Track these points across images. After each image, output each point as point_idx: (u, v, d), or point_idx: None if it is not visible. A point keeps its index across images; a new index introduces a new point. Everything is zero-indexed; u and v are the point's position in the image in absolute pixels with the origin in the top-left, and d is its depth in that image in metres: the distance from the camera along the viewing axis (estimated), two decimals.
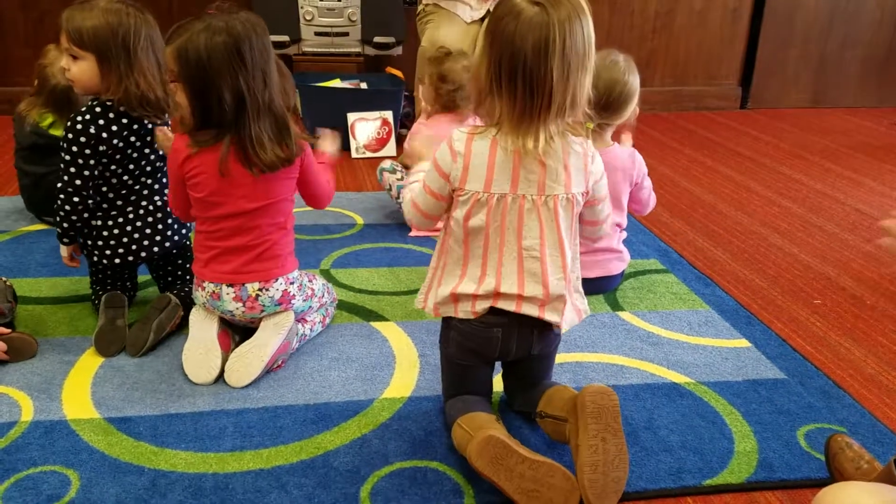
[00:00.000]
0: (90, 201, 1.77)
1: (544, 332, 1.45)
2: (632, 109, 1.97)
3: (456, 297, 1.42)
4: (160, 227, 1.84)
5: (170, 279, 1.94)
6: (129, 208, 1.81)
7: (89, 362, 1.70)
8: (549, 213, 1.36)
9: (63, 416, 1.51)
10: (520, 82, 1.26)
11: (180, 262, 1.93)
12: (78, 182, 1.73)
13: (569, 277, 1.41)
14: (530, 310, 1.40)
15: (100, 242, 1.80)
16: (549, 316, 1.41)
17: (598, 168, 1.40)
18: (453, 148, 1.36)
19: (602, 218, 1.49)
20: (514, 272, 1.38)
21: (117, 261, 1.81)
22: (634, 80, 1.95)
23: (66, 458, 1.40)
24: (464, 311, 1.42)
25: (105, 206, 1.80)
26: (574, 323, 1.46)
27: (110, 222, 1.80)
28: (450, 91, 2.49)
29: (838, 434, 1.43)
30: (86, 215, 1.78)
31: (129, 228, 1.80)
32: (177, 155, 1.62)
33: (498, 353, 1.46)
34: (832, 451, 1.40)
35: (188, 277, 1.94)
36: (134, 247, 1.82)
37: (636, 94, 1.96)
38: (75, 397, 1.58)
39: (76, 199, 1.74)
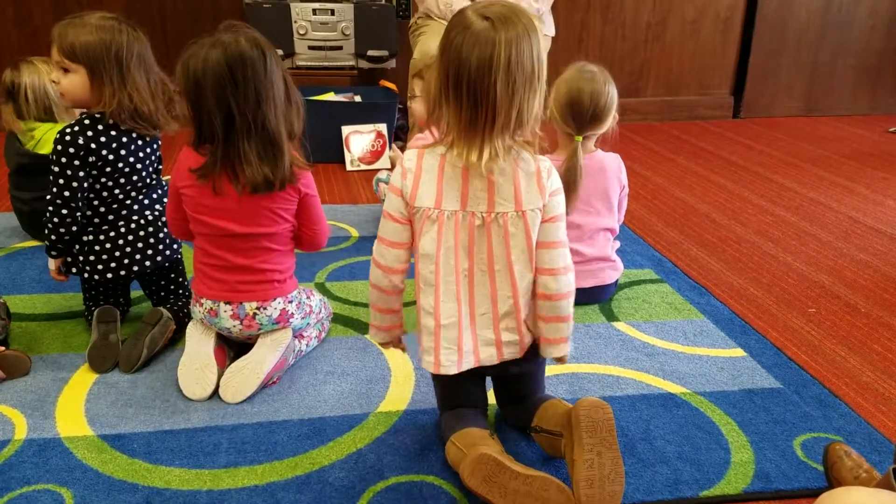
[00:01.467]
0: (78, 214, 1.76)
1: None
2: (612, 118, 1.99)
3: (421, 347, 1.42)
4: (151, 241, 1.83)
5: (162, 294, 1.93)
6: (121, 223, 1.80)
7: (83, 379, 1.70)
8: (500, 230, 1.35)
9: (57, 434, 1.51)
10: (465, 93, 1.26)
11: (173, 276, 1.93)
12: (66, 194, 1.73)
13: (522, 299, 1.38)
14: (488, 355, 1.40)
15: (91, 258, 1.80)
16: (508, 352, 1.41)
17: (554, 184, 1.37)
18: (404, 166, 1.36)
19: (560, 238, 1.38)
20: (466, 291, 1.37)
21: (109, 275, 1.81)
22: (614, 90, 1.97)
23: (60, 477, 1.39)
24: (427, 362, 1.41)
25: (97, 220, 1.79)
26: (514, 355, 1.43)
27: (101, 237, 1.79)
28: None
29: (837, 443, 1.43)
30: (74, 229, 1.77)
31: (120, 243, 1.80)
32: (179, 165, 1.63)
33: (474, 370, 1.45)
34: (831, 460, 1.40)
35: (181, 292, 1.94)
36: (126, 261, 1.81)
37: (616, 103, 1.98)
38: (69, 414, 1.57)
39: (64, 211, 1.74)
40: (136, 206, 1.82)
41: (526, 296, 1.40)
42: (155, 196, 1.86)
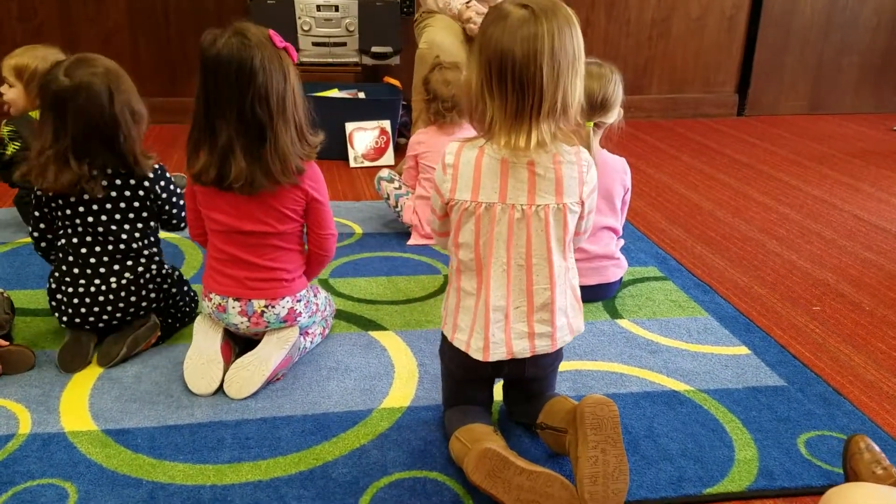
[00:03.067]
0: (41, 239, 1.78)
1: (536, 357, 1.43)
2: (619, 111, 1.99)
3: (454, 325, 1.43)
4: (88, 301, 1.72)
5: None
6: (65, 269, 1.73)
7: (87, 374, 1.70)
8: (540, 223, 1.35)
9: (61, 429, 1.51)
10: (510, 83, 1.27)
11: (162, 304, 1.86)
12: (32, 212, 1.76)
13: (558, 289, 1.39)
14: (521, 348, 1.40)
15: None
16: (540, 344, 1.41)
17: (592, 178, 1.40)
18: (444, 161, 1.38)
19: (586, 229, 1.49)
20: (502, 285, 1.38)
21: (55, 314, 1.77)
22: (619, 80, 1.98)
23: (64, 471, 1.39)
24: (459, 340, 1.43)
25: (59, 255, 1.76)
26: (566, 341, 1.45)
27: (51, 278, 1.77)
28: (426, 100, 2.54)
29: (858, 435, 1.40)
30: (43, 244, 1.79)
31: (58, 287, 1.75)
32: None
33: (490, 374, 1.46)
34: (850, 452, 1.38)
35: (174, 311, 1.88)
36: (68, 310, 1.73)
37: (622, 92, 1.99)
38: (73, 409, 1.57)
39: (30, 229, 1.79)
40: (84, 254, 1.72)
41: (563, 285, 1.41)
42: (119, 256, 1.73)
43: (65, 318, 1.74)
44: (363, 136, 3.40)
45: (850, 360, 1.88)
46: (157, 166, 1.75)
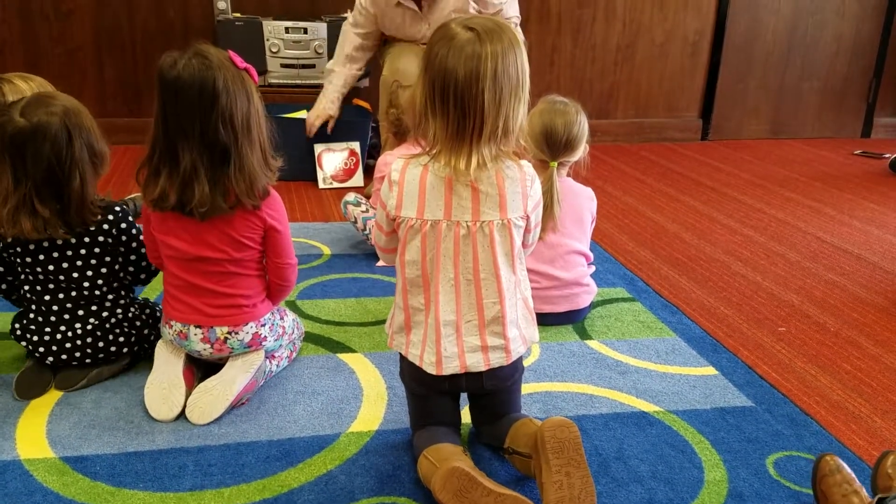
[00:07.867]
0: (2, 283, 1.73)
1: (493, 369, 1.43)
2: (584, 148, 2.01)
3: (407, 341, 1.43)
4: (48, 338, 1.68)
5: None
6: (33, 308, 1.70)
7: (44, 400, 1.65)
8: (486, 239, 1.36)
9: (16, 456, 1.46)
10: (451, 104, 1.29)
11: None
12: None
13: (508, 302, 1.40)
14: (474, 362, 1.40)
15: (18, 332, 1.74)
16: (494, 357, 1.41)
17: (536, 192, 1.41)
18: (390, 178, 1.38)
19: (533, 241, 1.49)
20: (451, 299, 1.38)
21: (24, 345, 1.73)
22: (585, 120, 2.00)
23: (19, 501, 1.34)
24: (412, 355, 1.42)
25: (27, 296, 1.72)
26: (521, 352, 1.45)
27: (24, 317, 1.72)
28: (397, 116, 2.57)
29: (829, 455, 1.41)
30: (4, 286, 1.75)
31: (23, 333, 1.71)
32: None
33: (449, 388, 1.45)
34: (821, 473, 1.38)
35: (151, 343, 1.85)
36: (35, 353, 1.70)
37: (587, 133, 2.01)
38: (29, 436, 1.52)
39: None
40: (47, 301, 1.68)
41: (512, 298, 1.41)
42: (83, 302, 1.68)
43: (36, 356, 1.71)
44: (332, 158, 3.39)
45: (817, 380, 1.89)
46: (117, 209, 1.69)
